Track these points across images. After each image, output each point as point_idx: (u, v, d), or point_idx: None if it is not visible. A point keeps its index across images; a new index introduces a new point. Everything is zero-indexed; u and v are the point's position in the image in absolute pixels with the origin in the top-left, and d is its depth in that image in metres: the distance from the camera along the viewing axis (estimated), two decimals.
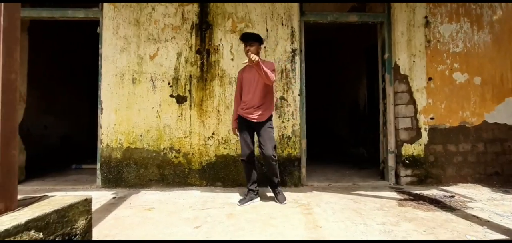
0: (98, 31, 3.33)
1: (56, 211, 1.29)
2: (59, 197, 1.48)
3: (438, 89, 3.37)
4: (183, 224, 2.06)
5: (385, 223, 2.09)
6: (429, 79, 3.37)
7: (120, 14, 3.28)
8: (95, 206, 2.40)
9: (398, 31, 3.37)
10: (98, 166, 3.24)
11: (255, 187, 2.63)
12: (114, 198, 2.77)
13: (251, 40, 2.54)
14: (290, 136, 3.27)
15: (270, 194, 2.81)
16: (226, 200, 2.69)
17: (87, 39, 5.17)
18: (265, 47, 3.29)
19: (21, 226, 1.12)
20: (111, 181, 3.19)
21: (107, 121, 3.22)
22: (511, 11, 3.42)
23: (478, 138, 3.37)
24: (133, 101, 3.25)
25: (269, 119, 2.59)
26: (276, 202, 2.59)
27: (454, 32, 3.40)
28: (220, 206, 2.50)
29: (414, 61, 3.36)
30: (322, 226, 2.02)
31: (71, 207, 1.37)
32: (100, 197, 2.77)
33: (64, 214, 1.33)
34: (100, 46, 3.30)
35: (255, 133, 2.64)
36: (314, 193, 2.95)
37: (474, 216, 2.21)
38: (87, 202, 1.50)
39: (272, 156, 2.51)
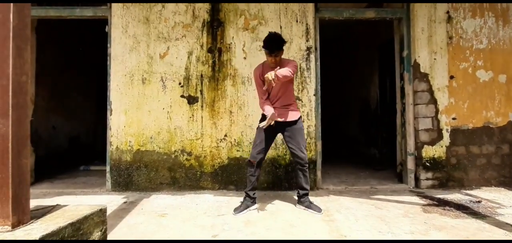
0: (106, 30, 3.24)
1: (71, 224, 1.19)
2: (72, 207, 1.39)
3: (461, 88, 3.21)
4: (199, 233, 1.96)
5: (413, 231, 1.96)
6: (451, 77, 3.21)
7: (129, 12, 3.18)
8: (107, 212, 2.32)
9: (418, 27, 3.21)
10: (107, 169, 3.16)
11: (254, 194, 2.40)
12: (125, 202, 2.69)
13: (277, 49, 2.16)
14: (305, 137, 3.14)
15: (278, 199, 2.69)
16: None
17: (96, 38, 5.10)
18: None
19: None
20: (121, 185, 3.11)
21: (117, 123, 3.14)
22: None
23: (503, 139, 3.21)
24: (143, 102, 3.15)
25: (300, 117, 2.40)
26: (301, 208, 2.43)
27: (477, 28, 3.23)
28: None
29: (435, 59, 3.21)
30: (347, 236, 1.90)
31: (86, 218, 1.28)
32: (110, 201, 2.68)
33: (79, 227, 1.24)
34: (108, 45, 3.21)
35: (276, 136, 2.46)
36: (331, 198, 2.83)
37: (507, 224, 2.07)
38: (102, 212, 1.41)
39: (306, 159, 2.35)
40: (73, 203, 1.63)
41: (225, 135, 3.14)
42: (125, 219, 2.23)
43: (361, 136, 6.02)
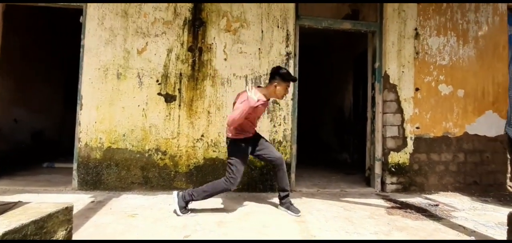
0: (81, 21, 3.09)
1: (34, 222, 1.14)
2: (35, 205, 1.32)
3: (425, 100, 3.47)
4: (170, 233, 1.93)
5: (377, 232, 2.09)
6: (417, 89, 3.46)
7: (107, 4, 3.07)
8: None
9: (389, 41, 3.43)
10: (74, 166, 3.00)
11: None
12: (92, 202, 2.57)
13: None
14: (281, 140, 3.22)
15: (253, 201, 2.73)
16: (215, 205, 2.59)
17: (68, 28, 4.83)
18: (259, 49, 3.22)
19: None
20: (88, 183, 2.97)
21: (87, 118, 3.00)
22: (496, 28, 3.60)
23: (459, 148, 3.52)
24: (117, 98, 3.05)
25: None
26: (282, 209, 2.48)
27: (441, 45, 3.52)
28: (209, 212, 2.39)
29: (403, 72, 3.44)
30: (317, 236, 1.98)
31: (50, 217, 1.22)
32: (76, 200, 2.55)
33: (42, 225, 1.18)
34: (82, 37, 3.06)
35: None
36: (304, 200, 2.91)
37: (460, 226, 2.28)
38: (68, 210, 1.35)
39: (282, 157, 2.43)
40: (36, 201, 1.54)
41: (202, 135, 3.12)
42: (92, 219, 2.14)
43: (335, 142, 6.26)
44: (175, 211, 2.27)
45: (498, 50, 3.62)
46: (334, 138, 6.31)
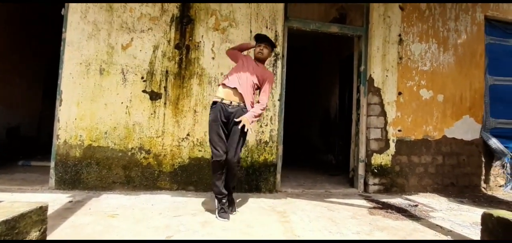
0: (62, 13, 2.97)
1: (4, 222, 1.07)
2: (7, 204, 1.25)
3: (407, 104, 3.59)
4: (152, 234, 1.89)
5: (359, 232, 2.13)
6: (399, 93, 3.57)
7: None
8: (48, 211, 2.11)
9: (375, 46, 3.52)
10: (52, 164, 2.87)
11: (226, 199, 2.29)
12: (70, 202, 2.47)
13: (265, 41, 2.41)
14: (268, 141, 3.23)
15: (243, 201, 2.73)
16: (199, 205, 2.55)
17: (48, 20, 4.62)
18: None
19: None
20: (66, 182, 2.85)
21: (67, 115, 2.88)
22: (474, 36, 3.78)
23: (438, 151, 3.66)
24: (99, 94, 2.95)
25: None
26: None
27: (423, 52, 3.65)
28: (193, 212, 2.36)
29: (387, 76, 3.54)
30: (300, 236, 1.99)
31: (22, 216, 1.16)
32: (53, 200, 2.45)
33: (14, 225, 1.12)
34: (63, 30, 2.94)
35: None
36: (289, 200, 2.93)
37: (437, 225, 2.36)
38: (42, 210, 1.29)
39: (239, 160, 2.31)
40: (9, 200, 1.46)
41: (188, 134, 3.08)
42: (70, 219, 2.05)
43: (321, 143, 6.35)
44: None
45: (476, 58, 3.80)
46: (320, 139, 6.40)
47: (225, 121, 2.26)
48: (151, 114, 3.03)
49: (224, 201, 2.26)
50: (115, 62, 2.99)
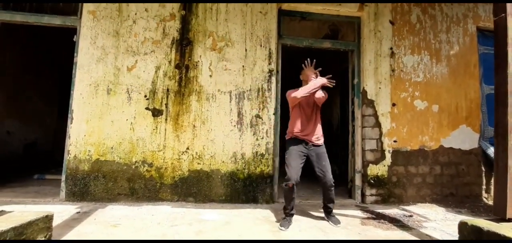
0: (74, 39, 3.28)
1: (13, 228, 1.25)
2: (17, 213, 1.44)
3: (401, 115, 3.65)
4: None
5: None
6: (393, 105, 3.65)
7: (99, 25, 3.26)
8: (56, 221, 2.29)
9: (367, 59, 3.64)
10: (63, 178, 3.11)
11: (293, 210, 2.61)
12: (78, 212, 2.67)
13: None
14: (264, 153, 3.36)
15: (239, 212, 2.84)
16: (196, 216, 2.69)
17: (62, 44, 5.02)
18: (243, 66, 3.41)
19: None
20: (76, 195, 3.07)
21: (77, 131, 3.13)
22: (467, 47, 3.83)
23: (436, 161, 3.67)
24: (106, 112, 3.19)
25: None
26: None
27: (415, 63, 3.74)
28: (189, 222, 2.50)
29: (380, 88, 3.64)
30: None
31: (30, 224, 1.34)
32: (62, 211, 2.65)
33: (22, 231, 1.30)
34: (75, 54, 3.24)
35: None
36: None
37: (427, 235, 2.40)
38: (48, 218, 1.47)
39: (333, 182, 2.68)
40: (19, 210, 1.66)
41: (187, 148, 3.26)
42: (76, 228, 2.24)
43: None
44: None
45: (470, 68, 3.84)
46: None
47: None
48: (153, 129, 3.24)
49: None
50: (121, 83, 3.24)
